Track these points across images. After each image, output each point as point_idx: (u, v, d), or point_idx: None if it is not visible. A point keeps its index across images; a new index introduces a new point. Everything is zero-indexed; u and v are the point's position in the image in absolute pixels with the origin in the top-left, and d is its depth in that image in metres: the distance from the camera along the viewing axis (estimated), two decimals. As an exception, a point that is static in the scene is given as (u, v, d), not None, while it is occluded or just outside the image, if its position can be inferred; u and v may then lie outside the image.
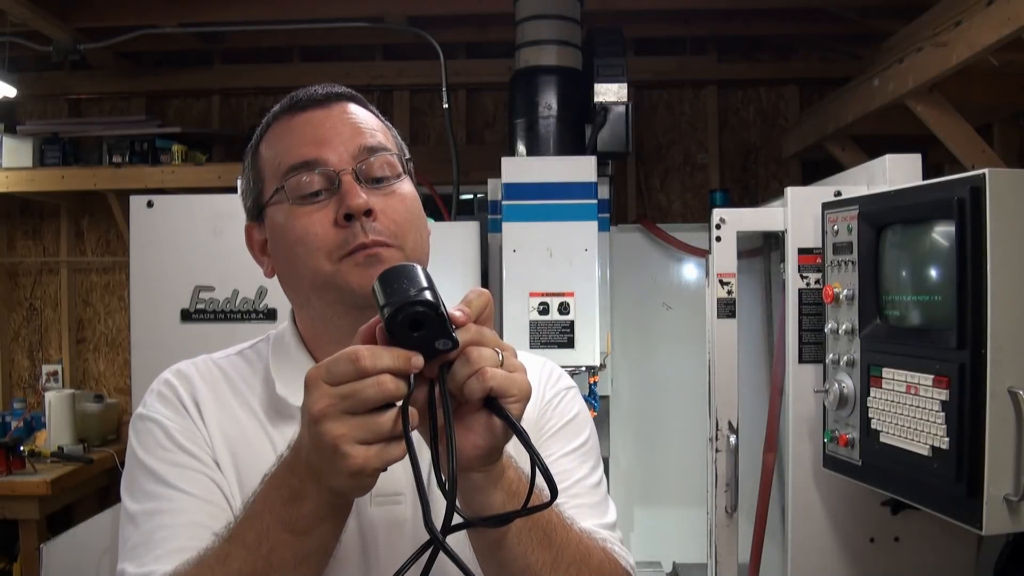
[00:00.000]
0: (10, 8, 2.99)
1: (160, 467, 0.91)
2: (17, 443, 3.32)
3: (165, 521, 0.88)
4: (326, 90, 0.97)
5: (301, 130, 0.94)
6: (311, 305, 0.96)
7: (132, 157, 3.61)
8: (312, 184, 0.92)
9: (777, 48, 3.84)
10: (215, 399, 0.97)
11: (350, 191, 0.91)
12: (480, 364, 0.73)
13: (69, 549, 2.68)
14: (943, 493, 1.50)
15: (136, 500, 0.91)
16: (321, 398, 0.70)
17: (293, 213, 0.92)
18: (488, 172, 2.68)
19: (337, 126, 0.94)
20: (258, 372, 1.00)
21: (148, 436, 0.94)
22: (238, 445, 0.94)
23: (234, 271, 2.44)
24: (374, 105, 1.03)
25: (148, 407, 0.96)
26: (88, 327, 4.13)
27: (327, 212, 0.91)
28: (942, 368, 1.47)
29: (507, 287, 2.36)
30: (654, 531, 2.99)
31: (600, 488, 1.04)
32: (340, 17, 3.30)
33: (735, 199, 3.68)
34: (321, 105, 0.96)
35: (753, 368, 2.60)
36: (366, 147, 0.94)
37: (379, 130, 0.98)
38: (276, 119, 0.98)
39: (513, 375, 0.75)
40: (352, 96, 0.99)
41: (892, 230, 1.68)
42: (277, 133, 0.97)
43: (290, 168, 0.93)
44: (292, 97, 0.98)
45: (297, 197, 0.92)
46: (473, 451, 0.76)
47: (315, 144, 0.93)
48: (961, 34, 2.17)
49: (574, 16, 2.67)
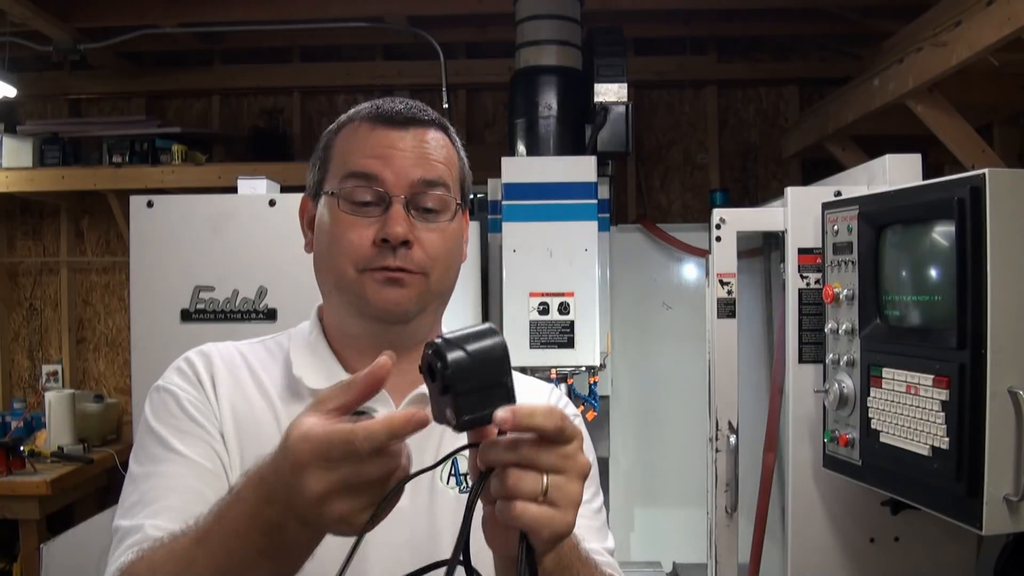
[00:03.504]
0: (10, 8, 2.99)
1: (167, 432, 0.95)
2: (17, 443, 3.31)
3: (162, 483, 0.91)
4: (411, 112, 1.01)
5: (374, 143, 0.99)
6: (332, 297, 1.03)
7: (132, 157, 3.61)
8: (364, 196, 0.98)
9: (777, 48, 3.84)
10: (231, 378, 1.01)
11: (395, 218, 0.96)
12: (515, 493, 0.68)
13: (69, 549, 2.68)
14: (943, 493, 1.50)
15: (139, 463, 0.95)
16: (319, 482, 0.68)
17: (339, 215, 0.98)
18: (488, 172, 2.67)
19: (406, 151, 0.98)
20: (277, 360, 1.05)
21: (160, 405, 0.98)
22: (245, 421, 0.98)
23: (234, 271, 2.42)
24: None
25: (166, 379, 1.01)
26: (88, 327, 4.13)
27: (370, 228, 0.97)
28: (942, 368, 1.47)
29: (507, 287, 2.36)
30: (654, 531, 2.99)
31: (601, 515, 1.07)
32: (340, 17, 3.30)
33: (735, 199, 3.68)
34: (400, 126, 1.00)
35: (753, 368, 2.60)
36: (425, 180, 0.98)
37: (445, 164, 1.01)
38: (360, 120, 1.02)
39: (551, 513, 0.68)
40: (434, 123, 1.03)
41: (892, 230, 1.68)
42: (355, 134, 1.01)
43: (351, 173, 0.98)
44: (378, 107, 1.01)
45: (347, 202, 0.98)
46: (498, 550, 0.76)
47: (380, 161, 0.98)
48: (961, 34, 2.17)
49: (574, 16, 2.67)
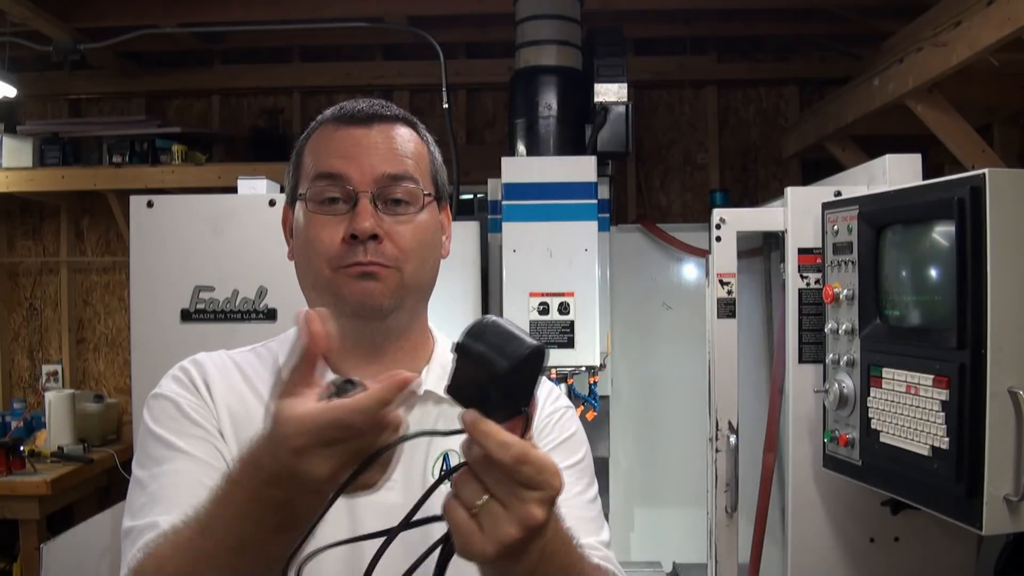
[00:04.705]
0: (10, 8, 2.99)
1: (168, 435, 0.97)
2: (17, 443, 3.31)
3: (169, 481, 0.93)
4: (373, 110, 1.02)
5: (338, 143, 1.01)
6: (312, 299, 1.04)
7: (132, 157, 3.61)
8: (332, 193, 0.99)
9: (777, 48, 3.84)
10: (225, 382, 1.03)
11: (361, 214, 0.97)
12: (456, 489, 0.69)
13: (69, 549, 2.68)
14: (943, 493, 1.50)
15: (143, 467, 0.97)
16: (324, 463, 0.68)
17: (311, 216, 1.01)
18: (488, 172, 2.67)
19: (370, 148, 1.00)
20: (268, 365, 1.07)
21: (160, 411, 1.00)
22: (242, 421, 1.00)
23: (234, 271, 2.42)
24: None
25: (162, 387, 1.03)
26: (88, 327, 4.13)
27: (339, 226, 0.98)
28: (942, 368, 1.47)
29: (507, 287, 2.36)
30: (654, 531, 2.99)
31: (596, 505, 1.07)
32: (340, 17, 3.30)
33: (735, 199, 3.68)
34: (364, 124, 1.01)
35: (753, 368, 2.60)
36: (390, 174, 0.99)
37: (412, 158, 1.02)
38: (324, 124, 1.04)
39: (473, 530, 0.68)
40: (399, 118, 1.04)
41: (892, 230, 1.69)
42: (320, 137, 1.04)
43: (317, 175, 1.00)
44: (342, 107, 1.04)
45: (316, 203, 1.00)
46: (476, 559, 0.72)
47: (345, 159, 0.99)
48: (961, 34, 2.17)
49: (574, 16, 2.66)
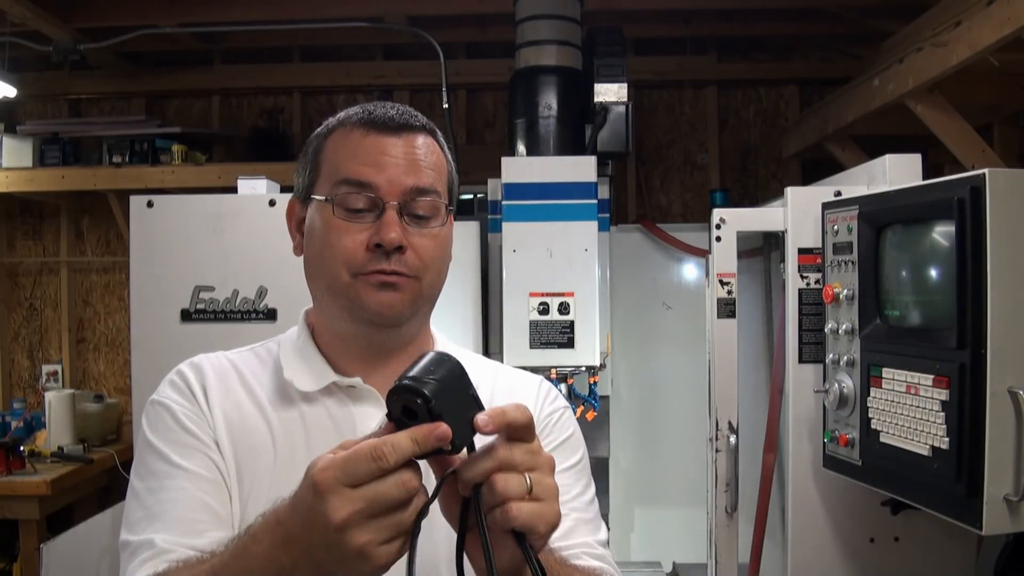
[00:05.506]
0: (10, 8, 2.99)
1: (165, 447, 0.97)
2: (17, 443, 3.31)
3: (165, 496, 0.94)
4: (403, 119, 1.01)
5: (367, 150, 0.99)
6: (323, 301, 1.04)
7: (132, 157, 3.61)
8: (358, 203, 0.98)
9: (777, 48, 3.84)
10: (222, 387, 1.03)
11: (389, 224, 0.97)
12: (506, 496, 0.71)
13: (69, 549, 2.68)
14: (943, 493, 1.50)
15: (141, 478, 0.97)
16: (343, 505, 0.68)
17: (333, 221, 0.99)
18: (488, 172, 2.67)
19: (399, 158, 0.99)
20: (267, 365, 1.06)
21: (157, 419, 1.00)
22: (237, 428, 1.00)
23: (234, 271, 2.42)
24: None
25: (160, 393, 1.03)
26: (88, 327, 4.13)
27: (363, 233, 0.98)
28: (942, 368, 1.47)
29: (507, 287, 2.36)
30: (654, 531, 2.99)
31: (593, 506, 1.08)
32: (340, 17, 3.30)
33: (735, 199, 3.68)
34: (393, 133, 1.00)
35: (753, 368, 2.60)
36: (417, 187, 0.99)
37: (435, 170, 1.03)
38: (350, 126, 1.02)
39: (541, 508, 0.73)
40: (424, 128, 1.03)
41: (892, 230, 1.68)
42: (346, 140, 1.01)
43: (344, 180, 0.99)
44: (370, 112, 1.01)
45: (341, 208, 0.99)
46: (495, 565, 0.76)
47: (374, 168, 0.98)
48: (961, 34, 2.17)
49: (574, 16, 2.67)
